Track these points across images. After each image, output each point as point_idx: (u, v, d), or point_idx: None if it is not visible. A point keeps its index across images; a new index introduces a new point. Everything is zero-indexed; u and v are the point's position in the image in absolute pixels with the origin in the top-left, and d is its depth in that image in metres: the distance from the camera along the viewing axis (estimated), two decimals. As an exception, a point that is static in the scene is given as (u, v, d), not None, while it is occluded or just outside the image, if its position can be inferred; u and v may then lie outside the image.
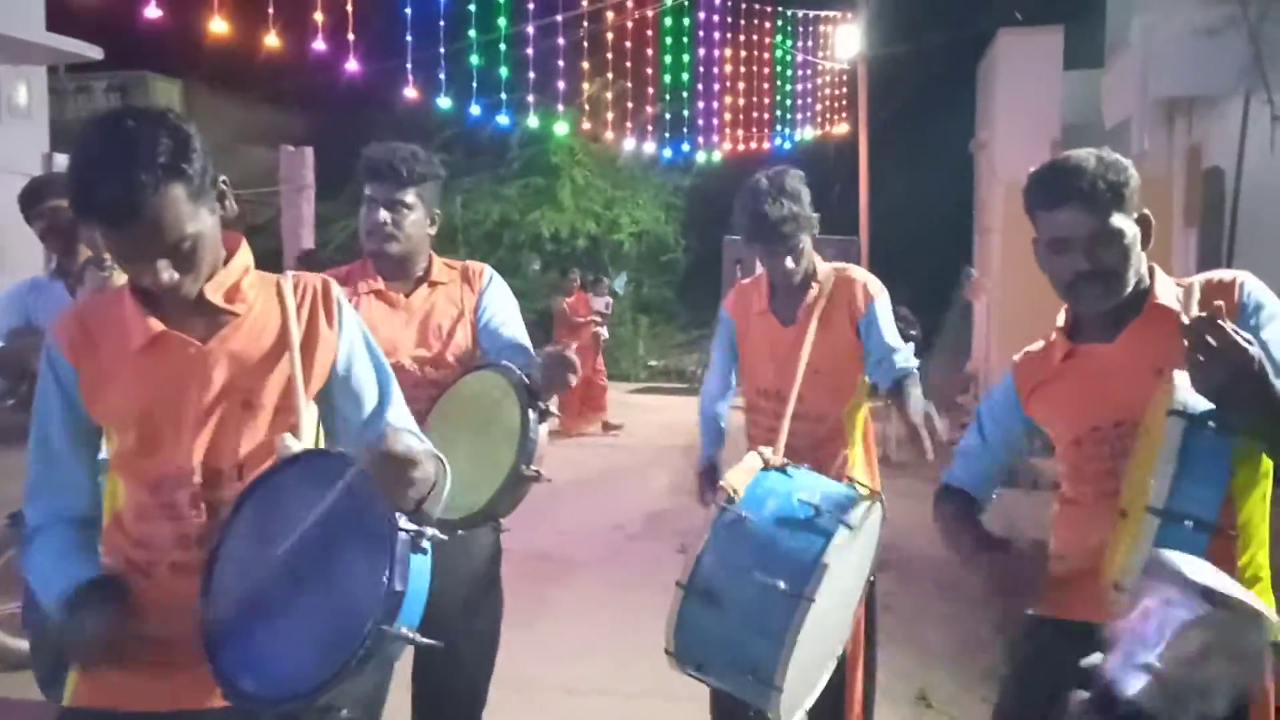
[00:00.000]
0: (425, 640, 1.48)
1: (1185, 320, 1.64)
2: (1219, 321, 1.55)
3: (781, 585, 2.05)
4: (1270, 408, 1.59)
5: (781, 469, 2.33)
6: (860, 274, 2.90)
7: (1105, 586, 1.75)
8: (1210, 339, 1.55)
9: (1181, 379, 1.63)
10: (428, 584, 1.51)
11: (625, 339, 16.15)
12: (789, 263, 2.78)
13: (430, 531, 1.50)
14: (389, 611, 1.43)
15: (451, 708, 2.66)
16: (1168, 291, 1.90)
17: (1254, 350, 1.55)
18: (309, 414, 1.71)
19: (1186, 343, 1.57)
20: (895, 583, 5.55)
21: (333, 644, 1.43)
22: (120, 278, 4.40)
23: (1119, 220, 1.84)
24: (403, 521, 1.48)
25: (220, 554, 1.58)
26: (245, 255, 1.71)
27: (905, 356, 2.83)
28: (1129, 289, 1.88)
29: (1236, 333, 1.55)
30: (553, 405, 2.36)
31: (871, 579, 2.42)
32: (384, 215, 2.52)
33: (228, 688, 1.51)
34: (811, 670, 2.28)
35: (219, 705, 1.59)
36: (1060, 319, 2.04)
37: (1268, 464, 1.81)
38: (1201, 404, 1.62)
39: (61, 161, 6.94)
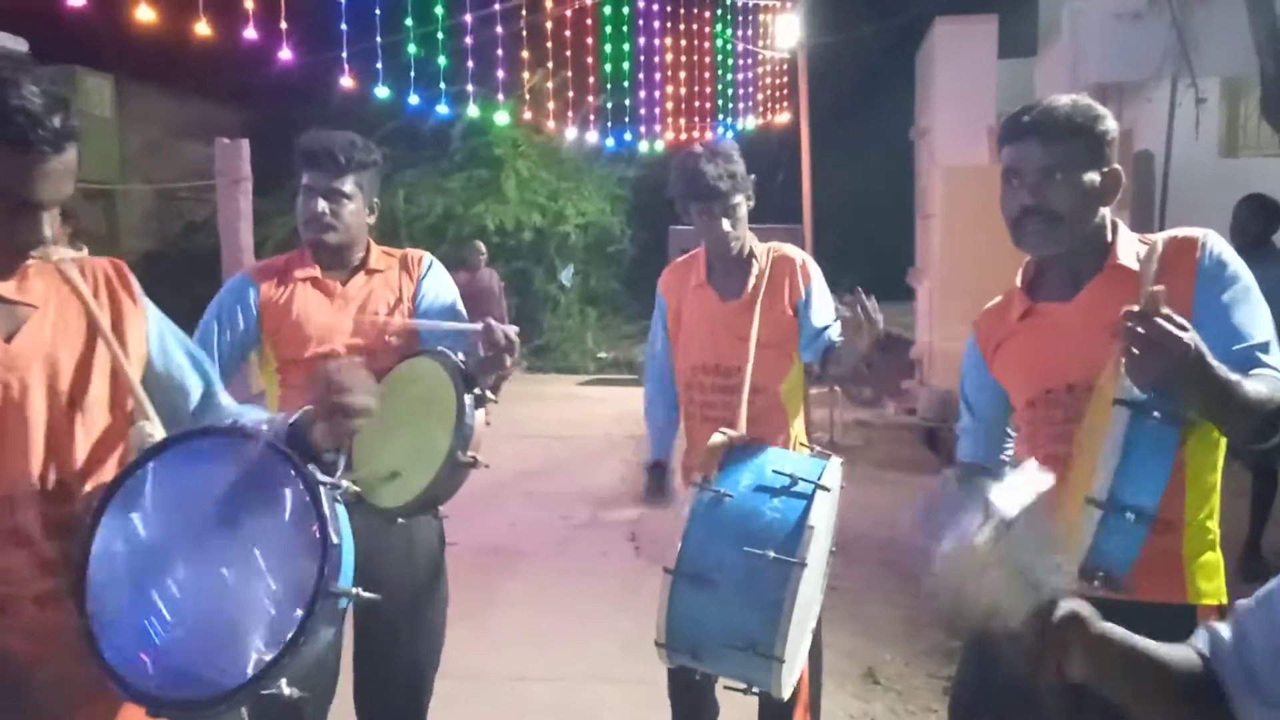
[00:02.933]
0: (366, 594, 1.43)
1: (1147, 289, 1.61)
2: (1152, 314, 1.51)
3: (771, 554, 2.07)
4: (1211, 392, 1.57)
5: (747, 445, 2.35)
6: (796, 253, 2.91)
7: None
8: (1143, 331, 1.51)
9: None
10: (352, 538, 1.48)
11: (573, 331, 16.11)
12: (725, 224, 2.75)
13: (344, 483, 1.48)
14: (332, 567, 1.38)
15: (396, 698, 2.63)
16: (1129, 250, 1.86)
17: (1188, 338, 1.50)
18: (145, 398, 1.56)
19: (1123, 336, 1.54)
20: (841, 563, 5.55)
21: (275, 617, 1.37)
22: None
23: (1076, 163, 1.80)
24: (318, 474, 1.44)
25: (93, 567, 1.43)
26: None
27: (835, 331, 2.83)
28: (1077, 238, 1.85)
29: (1170, 319, 1.51)
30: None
31: (833, 549, 2.44)
32: (322, 205, 2.48)
33: (165, 709, 1.36)
34: (799, 639, 2.29)
35: None
36: (1020, 276, 2.00)
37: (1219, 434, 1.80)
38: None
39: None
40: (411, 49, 7.82)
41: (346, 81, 7.09)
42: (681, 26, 12.54)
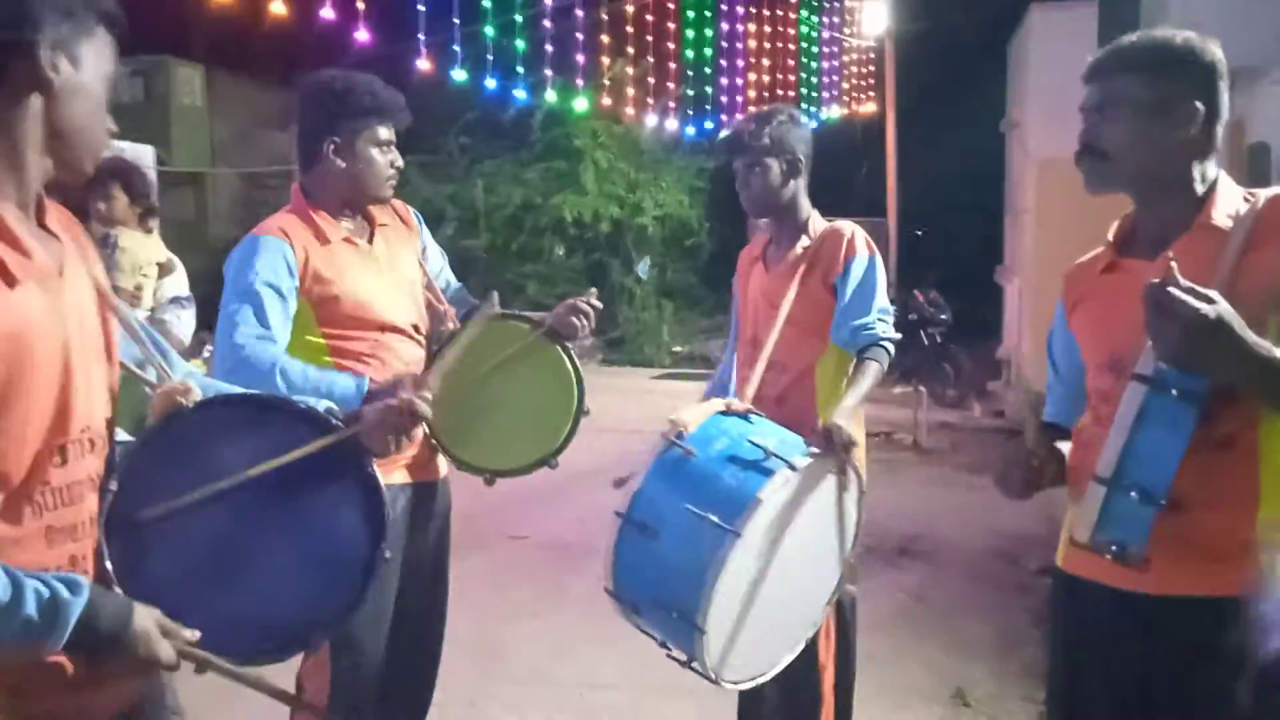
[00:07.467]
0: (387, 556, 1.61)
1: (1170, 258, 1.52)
2: (1168, 284, 1.47)
3: (713, 518, 2.00)
4: (1246, 364, 1.47)
5: (744, 415, 2.27)
6: (849, 228, 2.72)
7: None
8: (1161, 302, 1.47)
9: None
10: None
11: (649, 324, 15.95)
12: (752, 178, 2.70)
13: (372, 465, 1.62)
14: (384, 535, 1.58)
15: (411, 650, 2.57)
16: (1228, 207, 1.71)
17: (1208, 308, 1.44)
18: (155, 353, 1.57)
19: (1144, 308, 1.51)
20: (927, 573, 5.35)
21: (336, 577, 1.52)
22: (125, 252, 4.28)
23: (1129, 98, 1.70)
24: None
25: (125, 522, 1.41)
26: None
27: (871, 324, 2.60)
28: (1141, 181, 1.75)
29: (1194, 291, 1.45)
30: None
31: (850, 560, 2.36)
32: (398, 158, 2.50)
33: (233, 648, 1.41)
34: (767, 642, 2.23)
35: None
36: (1114, 229, 1.88)
37: None
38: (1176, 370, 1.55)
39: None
40: (489, 32, 7.73)
41: (423, 64, 7.02)
42: (765, 13, 12.29)
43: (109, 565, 1.38)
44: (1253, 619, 1.29)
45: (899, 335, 2.65)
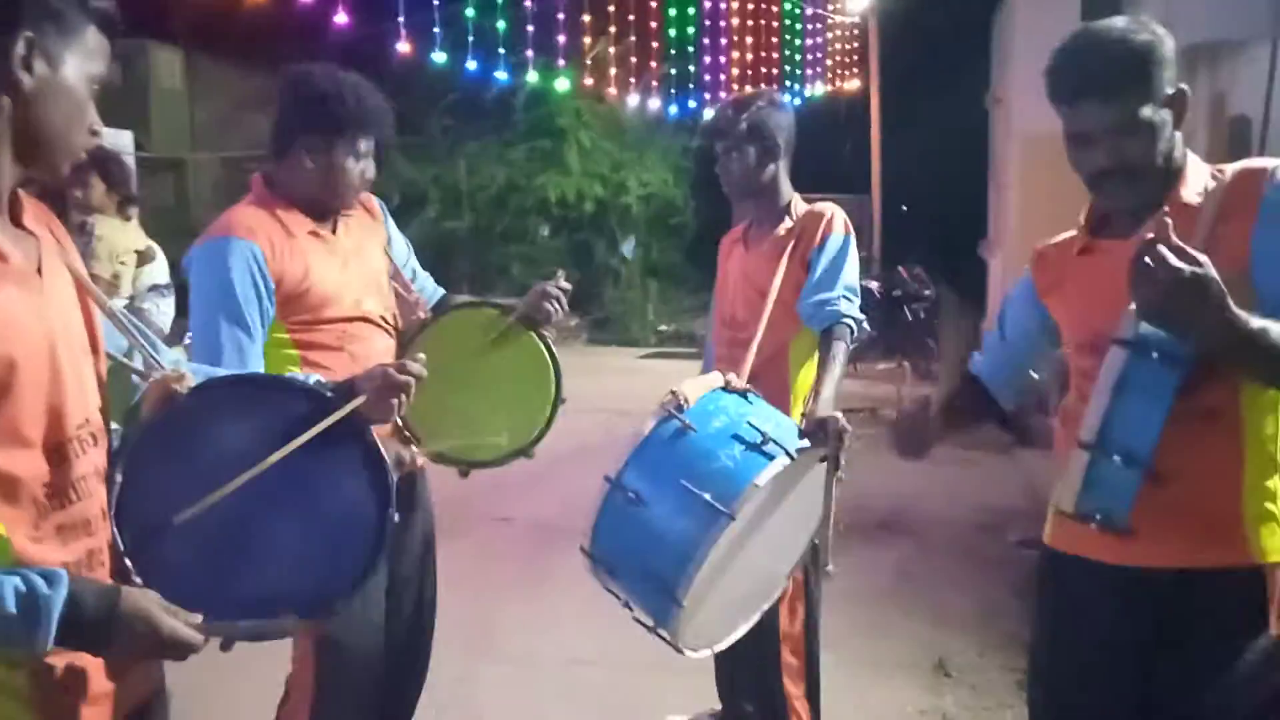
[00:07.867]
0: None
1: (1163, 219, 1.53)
2: (1157, 243, 1.47)
3: (707, 497, 2.00)
4: (1222, 327, 1.48)
5: (742, 394, 2.26)
6: (829, 209, 2.73)
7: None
8: (1147, 261, 1.48)
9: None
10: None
11: (634, 304, 15.94)
12: (731, 163, 2.72)
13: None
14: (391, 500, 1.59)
15: (401, 648, 2.61)
16: (1197, 184, 1.72)
17: (1190, 269, 1.45)
18: (141, 340, 1.56)
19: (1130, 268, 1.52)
20: (909, 547, 5.41)
21: (347, 545, 1.54)
22: (103, 240, 4.27)
23: (1143, 108, 1.67)
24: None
25: (136, 512, 1.41)
26: None
27: (835, 300, 2.60)
28: (1158, 179, 1.73)
29: (1183, 251, 1.46)
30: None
31: (816, 541, 2.36)
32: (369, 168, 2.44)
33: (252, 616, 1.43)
34: (727, 612, 2.25)
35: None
36: (1085, 211, 1.90)
37: None
38: (1158, 333, 1.56)
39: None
40: (469, 13, 7.66)
41: (403, 47, 6.97)
42: (748, -10, 12.23)
43: (127, 560, 1.39)
44: None
45: (863, 316, 2.63)
